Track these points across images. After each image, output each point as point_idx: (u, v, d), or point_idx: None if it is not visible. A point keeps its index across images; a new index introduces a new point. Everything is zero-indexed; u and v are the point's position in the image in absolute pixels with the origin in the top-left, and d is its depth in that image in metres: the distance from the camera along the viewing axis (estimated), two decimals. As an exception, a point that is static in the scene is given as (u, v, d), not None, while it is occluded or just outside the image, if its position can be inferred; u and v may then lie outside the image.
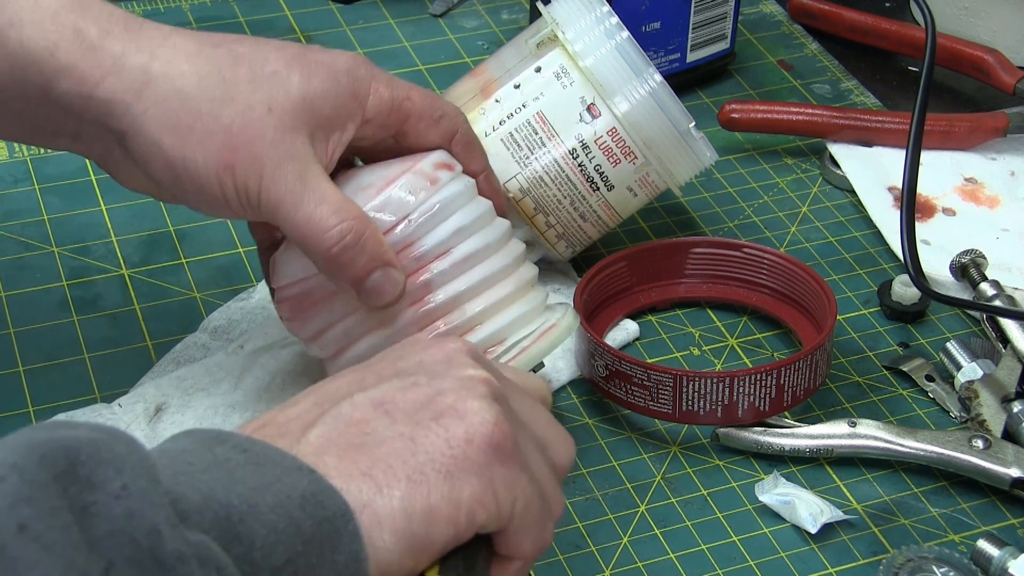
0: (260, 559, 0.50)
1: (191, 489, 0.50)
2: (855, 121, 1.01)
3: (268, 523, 0.51)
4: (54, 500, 0.45)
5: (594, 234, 0.89)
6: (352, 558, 0.53)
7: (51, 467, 0.46)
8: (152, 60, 0.68)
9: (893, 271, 0.93)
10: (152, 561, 0.46)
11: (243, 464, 0.52)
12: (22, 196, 0.95)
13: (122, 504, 0.46)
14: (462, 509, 0.55)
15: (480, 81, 0.88)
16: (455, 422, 0.57)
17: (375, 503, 0.54)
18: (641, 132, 0.85)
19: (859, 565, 0.75)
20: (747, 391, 0.78)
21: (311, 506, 0.52)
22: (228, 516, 0.50)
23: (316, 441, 0.56)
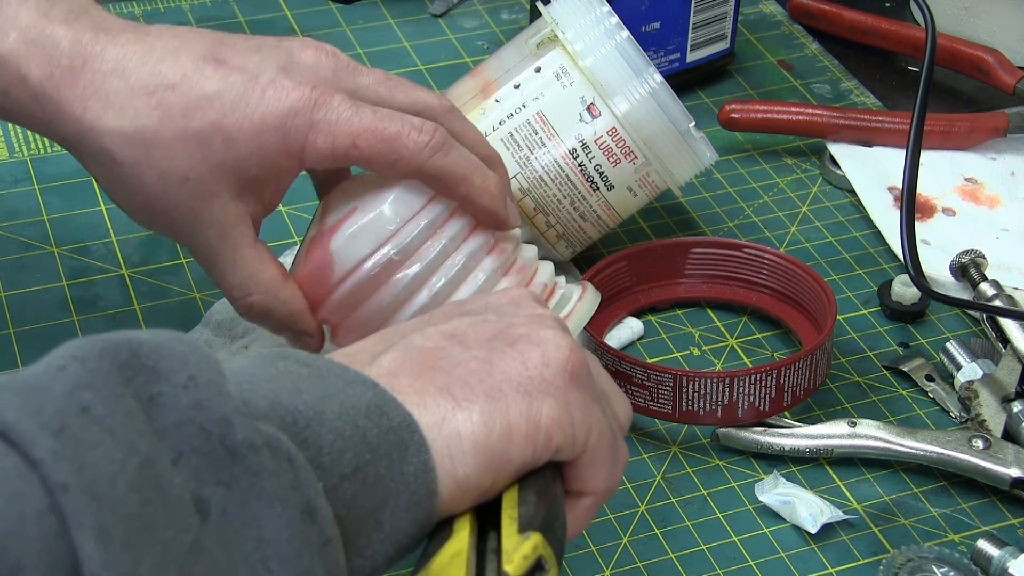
0: (328, 464, 0.50)
1: (256, 395, 0.50)
2: (855, 121, 1.01)
3: (335, 429, 0.51)
4: (117, 387, 0.45)
5: (594, 234, 0.89)
6: (421, 468, 0.53)
7: (113, 357, 0.46)
8: (84, 113, 0.68)
9: (893, 271, 0.93)
10: (223, 450, 0.47)
11: (306, 376, 0.53)
12: (22, 196, 0.95)
13: (190, 394, 0.47)
14: (540, 428, 0.55)
15: (480, 81, 0.88)
16: (530, 347, 0.58)
17: (454, 418, 0.55)
18: (641, 132, 0.85)
19: (859, 565, 0.75)
20: (747, 391, 0.78)
21: (376, 416, 0.53)
22: (295, 421, 0.50)
23: (388, 364, 0.57)
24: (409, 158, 0.69)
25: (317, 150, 0.68)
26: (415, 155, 0.69)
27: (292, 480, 0.48)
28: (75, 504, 0.42)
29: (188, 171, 0.68)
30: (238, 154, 0.68)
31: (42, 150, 0.99)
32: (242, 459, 0.47)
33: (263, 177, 0.69)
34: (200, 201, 0.68)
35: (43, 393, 0.44)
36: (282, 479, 0.48)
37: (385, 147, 0.69)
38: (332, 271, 0.71)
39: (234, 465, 0.47)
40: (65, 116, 0.68)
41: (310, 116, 0.68)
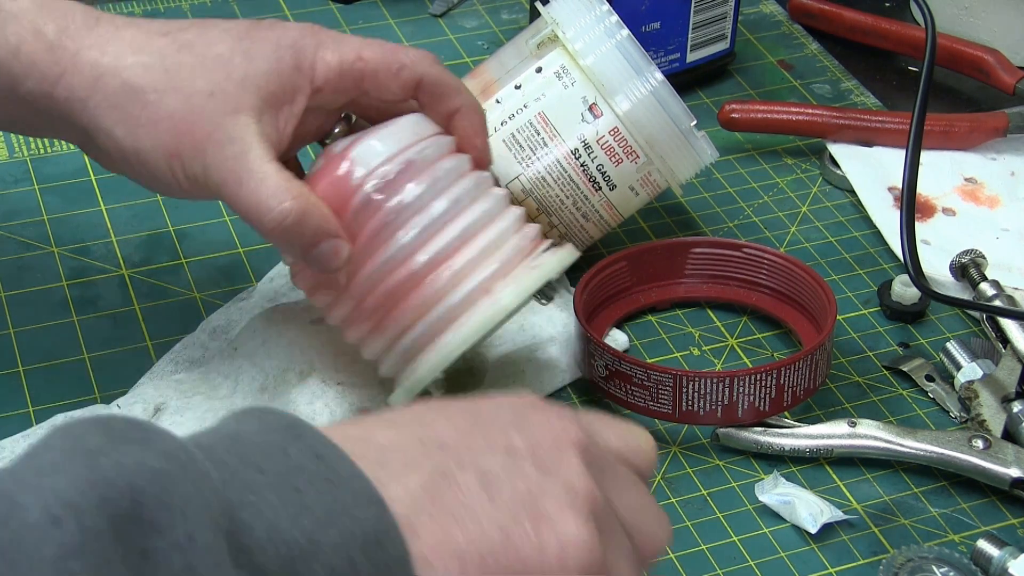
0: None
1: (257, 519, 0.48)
2: (855, 121, 1.01)
3: (327, 564, 0.49)
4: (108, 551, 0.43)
5: (596, 234, 0.89)
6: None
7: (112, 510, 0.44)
8: (102, 55, 0.71)
9: (893, 271, 0.93)
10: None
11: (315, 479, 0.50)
12: (22, 196, 0.95)
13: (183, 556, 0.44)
14: None
15: (480, 82, 0.88)
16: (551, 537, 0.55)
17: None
18: (643, 131, 0.85)
19: (859, 565, 0.75)
20: (747, 391, 0.78)
21: (373, 550, 0.50)
22: (290, 555, 0.48)
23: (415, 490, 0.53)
24: (412, 66, 0.74)
25: (326, 64, 0.73)
26: (418, 62, 0.75)
27: None
28: None
29: (211, 87, 0.71)
30: (258, 69, 0.72)
31: (42, 150, 0.99)
32: None
33: (280, 94, 0.72)
34: (225, 116, 0.70)
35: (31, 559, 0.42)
36: None
37: (389, 56, 0.74)
38: (352, 176, 0.72)
39: None
40: (81, 62, 0.71)
41: (317, 36, 0.74)
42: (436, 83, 0.75)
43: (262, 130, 0.71)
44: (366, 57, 0.74)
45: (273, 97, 0.72)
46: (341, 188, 0.73)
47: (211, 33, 0.73)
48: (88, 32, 0.72)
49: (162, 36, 0.72)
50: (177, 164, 0.71)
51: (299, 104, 0.73)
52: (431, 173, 0.73)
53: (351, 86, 0.74)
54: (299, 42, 0.73)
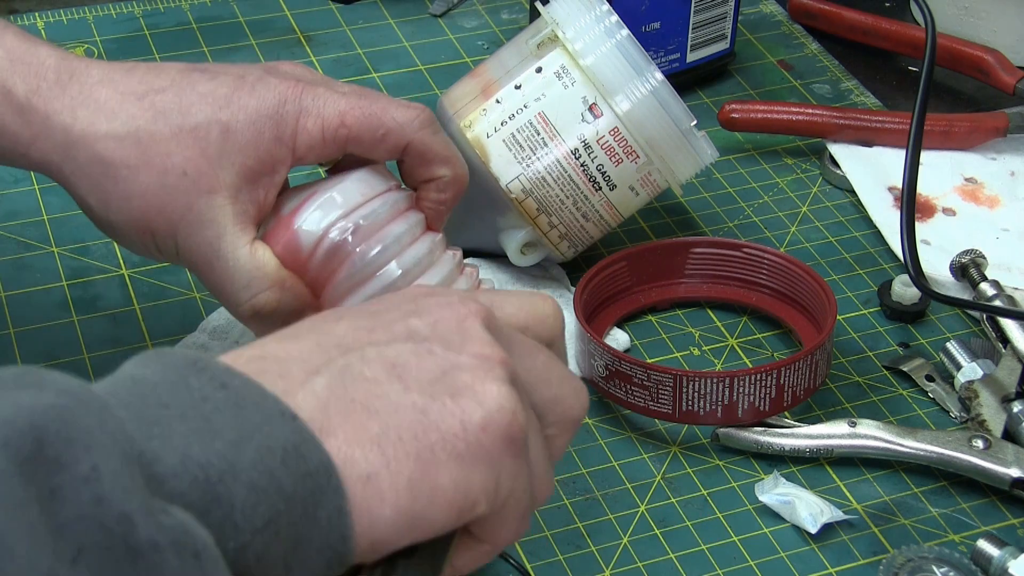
0: (241, 521, 0.48)
1: (167, 448, 0.48)
2: (855, 121, 1.01)
3: (248, 481, 0.49)
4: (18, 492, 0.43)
5: (596, 234, 0.89)
6: (335, 512, 0.51)
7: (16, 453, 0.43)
8: (74, 121, 0.68)
9: (893, 271, 0.93)
10: (124, 548, 0.44)
11: (222, 406, 0.50)
12: (22, 196, 0.95)
13: (91, 488, 0.44)
14: (468, 498, 0.54)
15: (480, 82, 0.88)
16: (472, 405, 0.55)
17: (381, 476, 0.52)
18: (643, 131, 0.85)
19: (859, 565, 0.75)
20: (747, 391, 0.78)
21: (292, 460, 0.50)
22: (207, 477, 0.48)
23: (322, 393, 0.54)
24: (397, 132, 0.71)
25: (308, 133, 0.70)
26: (402, 128, 0.71)
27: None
28: None
29: (186, 165, 0.68)
30: (235, 144, 0.69)
31: (42, 150, 0.99)
32: (143, 559, 0.44)
33: (259, 169, 0.69)
34: (199, 196, 0.68)
35: None
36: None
37: (373, 121, 0.70)
38: (300, 246, 0.70)
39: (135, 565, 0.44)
40: (52, 127, 0.68)
41: (299, 102, 0.70)
42: (424, 151, 0.72)
43: (238, 209, 0.69)
44: (349, 124, 0.70)
45: (251, 172, 0.69)
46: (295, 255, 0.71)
47: (189, 97, 0.69)
48: (60, 92, 0.69)
49: (137, 100, 0.69)
50: (149, 240, 0.70)
51: (280, 174, 0.71)
52: (379, 238, 0.71)
53: (335, 151, 0.72)
54: (280, 110, 0.70)
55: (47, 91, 0.69)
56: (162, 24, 1.11)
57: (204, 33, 1.10)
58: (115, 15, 1.12)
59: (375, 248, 0.71)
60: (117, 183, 0.68)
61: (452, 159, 0.73)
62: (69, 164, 0.69)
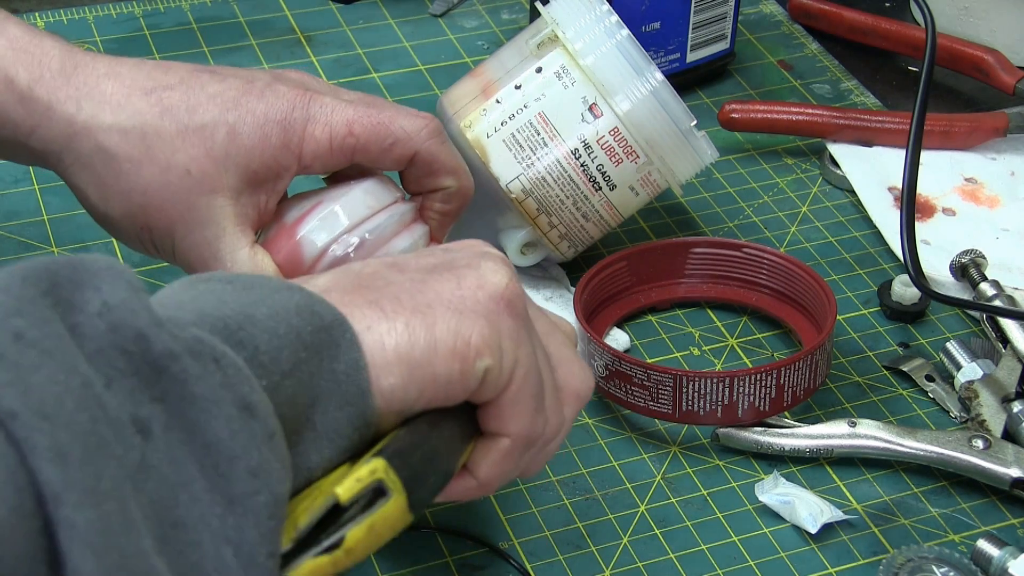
0: (268, 362, 0.50)
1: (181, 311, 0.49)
2: (855, 121, 1.01)
3: (268, 328, 0.50)
4: (45, 311, 0.45)
5: (596, 234, 0.89)
6: (352, 366, 0.53)
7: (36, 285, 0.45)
8: (78, 111, 0.68)
9: (893, 271, 0.93)
10: (146, 366, 0.46)
11: (231, 291, 0.52)
12: (22, 196, 0.95)
13: (105, 319, 0.46)
14: (470, 345, 0.55)
15: (480, 82, 0.88)
16: (468, 271, 0.57)
17: (379, 327, 0.54)
18: (643, 131, 0.85)
19: (859, 565, 0.75)
20: (747, 391, 0.78)
21: (307, 314, 0.52)
22: (226, 326, 0.49)
23: (322, 283, 0.56)
24: (405, 141, 0.71)
25: (315, 141, 0.70)
26: (410, 138, 0.71)
27: (221, 379, 0.47)
28: (26, 429, 0.41)
29: (189, 164, 0.68)
30: (241, 147, 0.68)
31: (42, 150, 0.99)
32: (166, 370, 0.46)
33: (263, 174, 0.69)
34: (200, 196, 0.68)
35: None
36: (209, 381, 0.47)
37: (381, 130, 0.70)
38: (303, 258, 0.70)
39: (160, 379, 0.46)
40: (55, 117, 0.68)
41: (307, 110, 0.70)
42: (430, 162, 0.72)
43: (239, 211, 0.69)
44: (356, 133, 0.70)
45: (255, 176, 0.69)
46: (296, 266, 0.70)
47: (198, 97, 0.69)
48: (65, 82, 0.68)
49: (145, 95, 0.68)
50: (147, 236, 0.69)
51: (284, 181, 0.71)
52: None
53: (341, 160, 0.71)
54: (289, 116, 0.69)
55: (51, 81, 0.68)
56: (162, 24, 1.11)
57: (204, 33, 1.10)
58: (115, 15, 1.12)
59: None
60: (118, 176, 0.68)
61: (459, 170, 0.73)
62: (70, 154, 0.68)
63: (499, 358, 0.55)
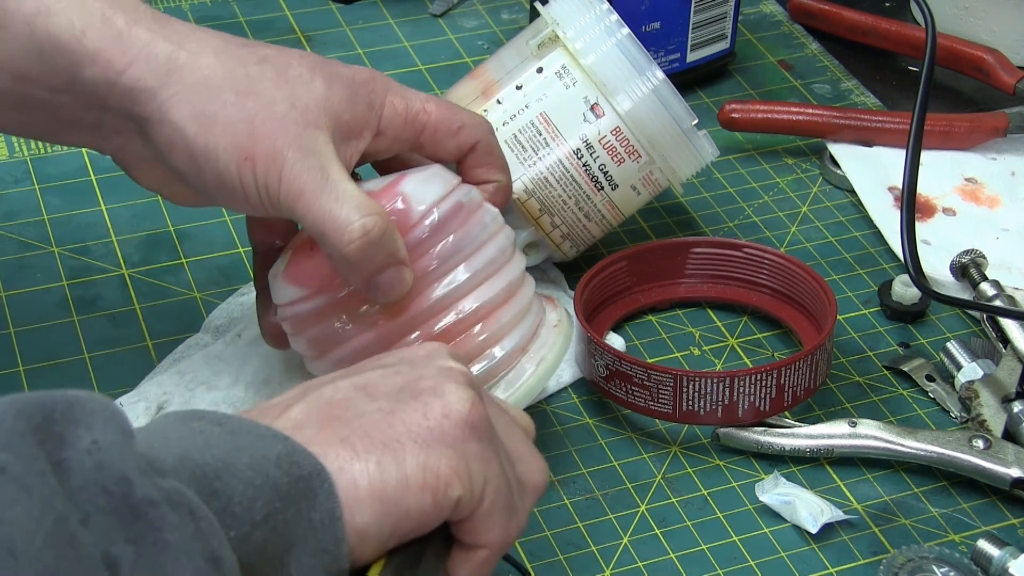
0: (240, 512, 0.52)
1: (165, 452, 0.52)
2: (855, 121, 1.01)
3: (245, 479, 0.52)
4: (31, 449, 0.46)
5: (598, 233, 0.89)
6: (328, 516, 0.54)
7: (28, 420, 0.47)
8: (179, 49, 0.69)
9: (893, 271, 0.93)
10: (126, 507, 0.48)
11: (218, 434, 0.54)
12: (22, 196, 0.95)
13: (93, 457, 0.48)
14: (440, 479, 0.57)
15: (481, 83, 0.88)
16: (433, 399, 0.59)
17: (352, 467, 0.56)
18: (645, 130, 0.85)
19: (859, 565, 0.75)
20: (747, 391, 0.78)
21: (286, 465, 0.54)
22: (204, 474, 0.52)
23: (296, 416, 0.58)
24: (471, 128, 0.75)
25: (394, 109, 0.73)
26: (476, 127, 0.75)
27: (194, 531, 0.49)
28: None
29: (294, 100, 0.69)
30: (334, 98, 0.71)
31: (42, 150, 0.99)
32: (144, 516, 0.48)
33: (352, 127, 0.71)
34: (307, 128, 0.69)
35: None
36: (184, 531, 0.49)
37: (451, 114, 0.74)
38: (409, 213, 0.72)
39: (138, 522, 0.48)
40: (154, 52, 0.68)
41: (386, 82, 0.74)
42: (489, 152, 0.76)
43: (337, 152, 0.70)
44: (430, 111, 0.74)
45: (346, 127, 0.71)
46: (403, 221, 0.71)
47: (288, 55, 0.72)
48: (161, 26, 0.70)
49: (240, 47, 0.71)
50: (248, 168, 0.68)
51: (364, 140, 0.72)
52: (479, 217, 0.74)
53: (411, 136, 0.74)
54: (370, 83, 0.73)
55: (149, 23, 0.70)
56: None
57: (204, 33, 1.10)
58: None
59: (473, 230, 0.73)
60: (224, 106, 0.68)
61: (507, 168, 0.78)
62: (168, 89, 0.68)
63: (469, 484, 0.58)
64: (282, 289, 0.74)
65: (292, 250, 0.74)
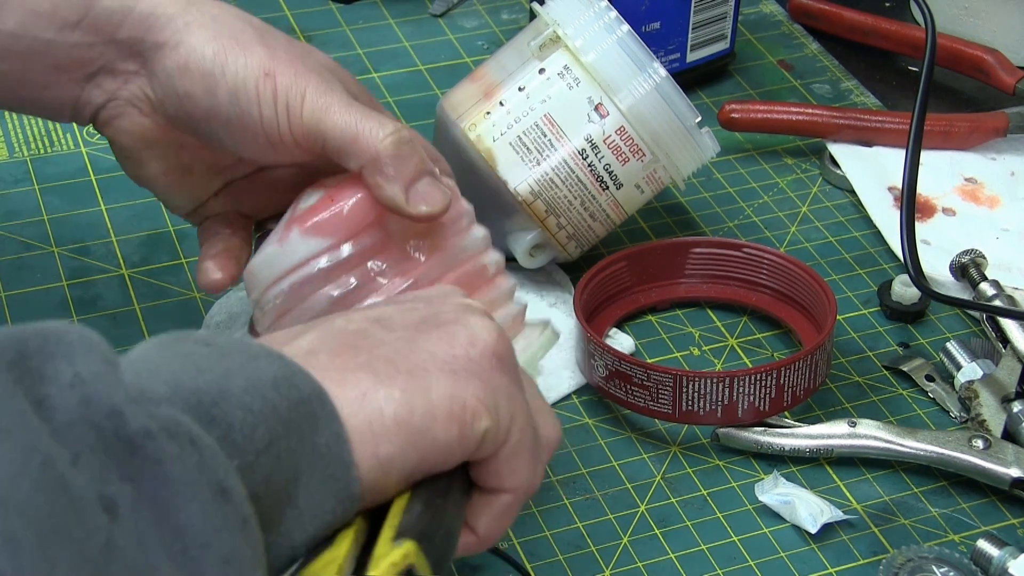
0: (242, 441, 0.48)
1: (155, 381, 0.47)
2: (855, 121, 1.01)
3: (242, 404, 0.48)
4: (7, 386, 0.43)
5: (602, 232, 0.89)
6: (333, 439, 0.51)
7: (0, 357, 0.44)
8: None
9: (893, 271, 0.93)
10: (119, 442, 0.44)
11: (207, 355, 0.50)
12: (22, 196, 0.95)
13: (77, 392, 0.44)
14: (467, 409, 0.53)
15: (482, 85, 0.87)
16: (458, 328, 0.56)
17: (376, 394, 0.52)
18: (648, 128, 0.85)
19: (859, 565, 0.75)
20: (747, 391, 0.78)
21: (284, 387, 0.50)
22: (199, 401, 0.48)
23: (307, 344, 0.54)
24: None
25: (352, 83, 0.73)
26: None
27: (197, 462, 0.45)
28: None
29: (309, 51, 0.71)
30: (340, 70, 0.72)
31: (42, 150, 0.99)
32: (140, 449, 0.44)
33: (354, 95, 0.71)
34: (325, 69, 0.70)
35: None
36: (186, 462, 0.45)
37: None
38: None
39: (134, 457, 0.44)
40: None
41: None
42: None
43: None
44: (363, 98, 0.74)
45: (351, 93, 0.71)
46: None
47: None
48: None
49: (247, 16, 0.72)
50: (269, 84, 0.68)
51: None
52: None
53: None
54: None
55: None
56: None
57: (204, 33, 1.10)
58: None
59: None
60: (243, 32, 0.69)
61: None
62: (187, 15, 0.69)
63: (496, 417, 0.54)
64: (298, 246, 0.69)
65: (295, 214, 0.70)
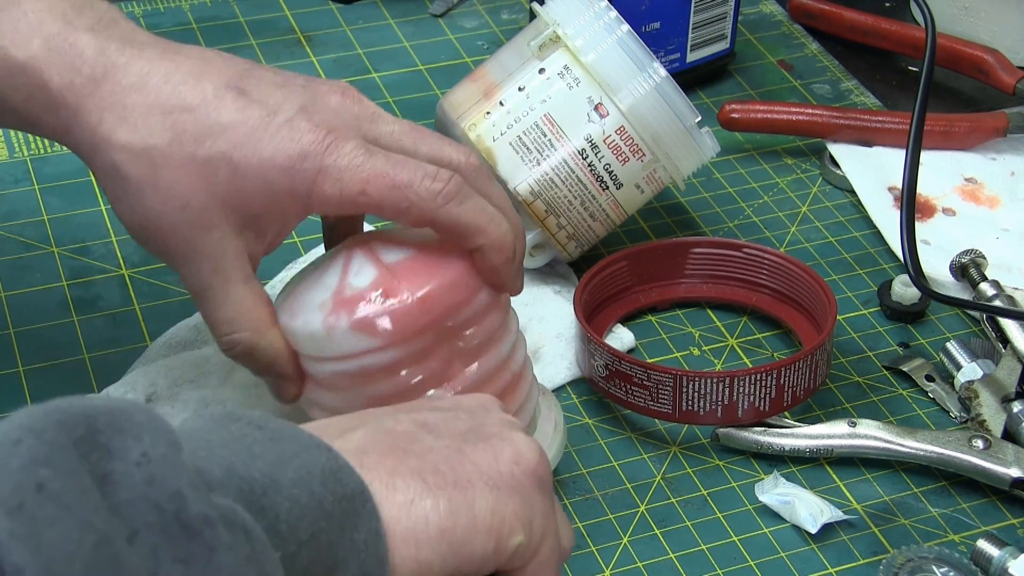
0: (286, 532, 0.50)
1: (211, 463, 0.50)
2: (855, 121, 1.01)
3: (291, 497, 0.51)
4: (73, 463, 0.44)
5: (602, 232, 0.89)
6: (371, 536, 0.54)
7: (70, 432, 0.45)
8: (99, 124, 0.67)
9: (893, 271, 0.93)
10: (178, 525, 0.46)
11: (260, 440, 0.53)
12: (22, 196, 0.95)
13: (143, 471, 0.46)
14: (505, 524, 0.57)
15: (482, 85, 0.87)
16: (503, 444, 0.59)
17: (423, 502, 0.55)
18: (648, 127, 0.85)
19: (859, 565, 0.75)
20: (747, 391, 0.78)
21: (331, 482, 0.53)
22: (251, 489, 0.50)
23: (358, 441, 0.57)
24: (420, 206, 0.66)
25: (324, 195, 0.66)
26: (427, 202, 0.66)
27: (248, 553, 0.48)
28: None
29: (190, 197, 0.66)
30: (242, 189, 0.66)
31: (42, 150, 0.99)
32: (198, 534, 0.46)
33: (266, 217, 0.67)
34: (197, 230, 0.67)
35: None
36: (238, 552, 0.47)
37: (396, 194, 0.66)
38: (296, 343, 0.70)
39: (190, 541, 0.46)
40: (81, 125, 0.67)
41: (320, 160, 0.66)
42: (451, 227, 0.67)
43: (239, 245, 0.68)
44: (370, 192, 0.66)
45: (257, 219, 0.67)
46: None
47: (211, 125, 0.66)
48: (94, 89, 0.67)
49: (162, 116, 0.66)
50: (154, 251, 0.69)
51: (289, 224, 0.69)
52: None
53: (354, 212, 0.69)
54: (298, 165, 0.66)
55: (80, 87, 0.67)
56: (162, 24, 1.11)
57: (204, 33, 1.10)
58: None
59: None
60: (127, 195, 0.67)
61: (484, 227, 0.68)
62: (92, 164, 0.69)
63: (530, 534, 0.58)
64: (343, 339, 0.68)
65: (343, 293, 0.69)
